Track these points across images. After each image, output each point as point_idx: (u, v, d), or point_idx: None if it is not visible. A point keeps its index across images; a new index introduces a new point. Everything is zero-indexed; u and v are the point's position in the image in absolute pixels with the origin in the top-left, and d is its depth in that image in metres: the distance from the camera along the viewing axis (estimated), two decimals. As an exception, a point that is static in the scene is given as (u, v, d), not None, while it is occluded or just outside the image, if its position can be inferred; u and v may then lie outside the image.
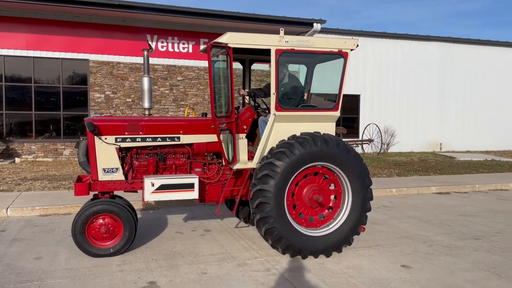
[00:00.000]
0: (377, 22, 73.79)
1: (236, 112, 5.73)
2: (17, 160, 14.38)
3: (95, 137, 5.24)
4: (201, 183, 5.53)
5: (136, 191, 5.60)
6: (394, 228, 6.74)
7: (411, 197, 9.53)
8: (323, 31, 17.22)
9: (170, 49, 16.26)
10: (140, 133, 5.43)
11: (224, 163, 5.56)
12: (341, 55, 5.50)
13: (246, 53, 6.34)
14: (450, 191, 10.28)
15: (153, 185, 5.10)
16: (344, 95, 5.92)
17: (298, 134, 5.29)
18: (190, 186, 5.23)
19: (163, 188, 5.14)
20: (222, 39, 5.04)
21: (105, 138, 5.29)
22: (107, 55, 15.49)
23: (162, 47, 16.13)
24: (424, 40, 20.25)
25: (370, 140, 18.77)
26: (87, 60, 15.31)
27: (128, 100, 15.92)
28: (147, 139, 5.47)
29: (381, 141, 19.14)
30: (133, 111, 15.93)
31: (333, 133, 5.59)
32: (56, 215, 7.39)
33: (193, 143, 5.66)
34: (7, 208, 7.28)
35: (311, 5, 78.55)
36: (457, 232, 6.54)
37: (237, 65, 6.25)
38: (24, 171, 11.81)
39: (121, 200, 5.68)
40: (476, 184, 10.77)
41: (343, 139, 5.58)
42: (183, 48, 16.42)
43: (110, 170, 5.34)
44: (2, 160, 13.72)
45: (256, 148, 5.47)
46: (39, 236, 6.06)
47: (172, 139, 5.57)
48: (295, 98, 5.75)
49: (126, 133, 5.38)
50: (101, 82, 15.52)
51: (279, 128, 5.37)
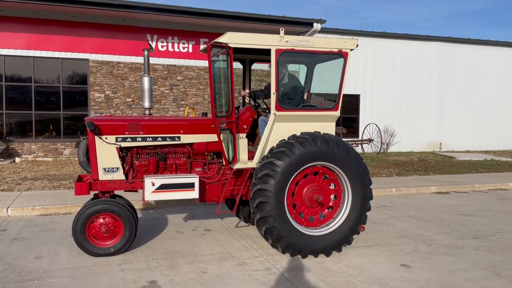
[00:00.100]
0: (377, 22, 73.83)
1: (236, 112, 5.75)
2: (17, 160, 14.38)
3: (96, 137, 5.24)
4: (202, 183, 5.54)
5: (137, 191, 5.61)
6: (394, 228, 6.75)
7: (411, 197, 9.54)
8: (323, 31, 17.22)
9: (170, 49, 16.26)
10: (141, 133, 5.44)
11: (225, 163, 5.57)
12: (341, 55, 5.51)
13: (246, 53, 6.36)
14: (450, 191, 10.29)
15: (154, 185, 5.11)
16: (344, 95, 5.93)
17: (298, 134, 5.30)
18: (191, 186, 5.24)
19: (164, 188, 5.15)
20: (222, 39, 5.05)
21: (106, 138, 5.30)
22: (107, 55, 15.49)
23: (162, 47, 16.13)
24: (424, 40, 20.25)
25: (370, 140, 18.79)
26: (87, 60, 15.31)
27: (128, 100, 15.93)
28: (148, 139, 5.48)
29: (381, 141, 19.15)
30: (133, 111, 15.94)
31: (333, 133, 5.60)
32: (57, 215, 7.40)
33: (194, 143, 5.67)
34: (8, 208, 7.30)
35: (311, 5, 78.58)
36: (457, 232, 6.55)
37: (237, 65, 6.26)
38: (24, 171, 11.82)
39: (122, 200, 5.70)
40: (476, 184, 10.78)
41: (343, 139, 5.59)
42: (183, 48, 16.43)
43: (111, 170, 5.35)
44: (2, 160, 13.74)
45: (256, 148, 5.48)
46: (40, 236, 6.07)
47: (173, 139, 5.58)
48: (295, 98, 5.76)
49: (127, 133, 5.39)
50: (101, 82, 15.52)
51: (279, 128, 5.38)
